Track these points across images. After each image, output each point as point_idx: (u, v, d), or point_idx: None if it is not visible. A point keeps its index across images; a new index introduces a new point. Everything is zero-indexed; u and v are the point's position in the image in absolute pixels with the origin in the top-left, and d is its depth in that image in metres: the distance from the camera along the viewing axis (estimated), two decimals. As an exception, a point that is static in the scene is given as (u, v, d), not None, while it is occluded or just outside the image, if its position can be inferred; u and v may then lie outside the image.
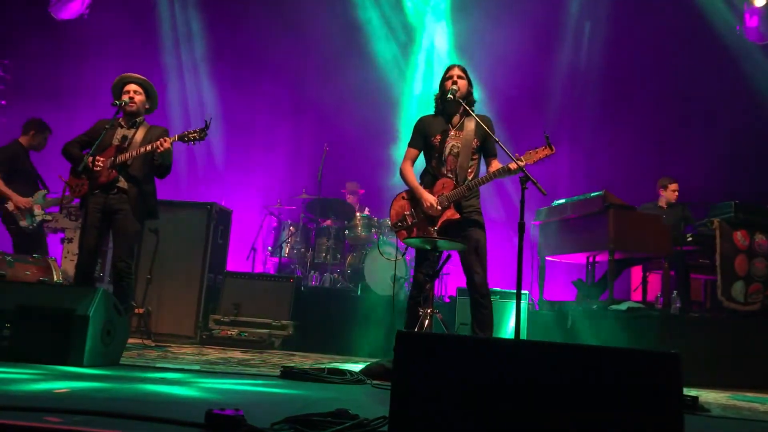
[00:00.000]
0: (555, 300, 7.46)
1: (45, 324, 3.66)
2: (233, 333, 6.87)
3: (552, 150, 4.49)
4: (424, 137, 4.80)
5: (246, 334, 6.85)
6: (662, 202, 7.87)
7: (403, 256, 7.09)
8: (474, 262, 4.64)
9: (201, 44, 10.60)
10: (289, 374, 3.92)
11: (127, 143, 5.16)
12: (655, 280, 7.81)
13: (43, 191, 6.65)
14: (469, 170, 4.70)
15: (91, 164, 4.99)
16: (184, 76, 10.54)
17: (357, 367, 4.58)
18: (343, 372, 4.00)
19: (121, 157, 5.07)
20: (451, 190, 4.62)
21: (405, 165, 4.86)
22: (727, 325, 6.32)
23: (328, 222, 8.55)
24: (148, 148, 5.05)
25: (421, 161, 4.93)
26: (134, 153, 5.08)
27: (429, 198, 4.65)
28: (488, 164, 4.78)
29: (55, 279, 5.75)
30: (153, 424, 2.05)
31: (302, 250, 8.49)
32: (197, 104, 10.45)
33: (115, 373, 3.58)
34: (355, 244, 8.37)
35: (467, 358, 1.99)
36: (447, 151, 4.71)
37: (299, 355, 6.39)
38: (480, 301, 4.62)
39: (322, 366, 4.31)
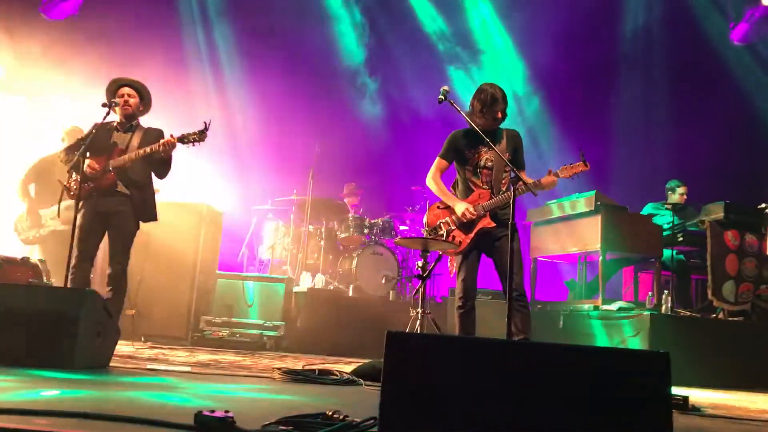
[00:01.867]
0: (547, 300, 7.47)
1: (34, 326, 3.63)
2: (225, 334, 6.86)
3: (587, 167, 4.74)
4: (456, 151, 4.94)
5: (238, 336, 6.84)
6: (668, 205, 7.84)
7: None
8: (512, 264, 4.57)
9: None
10: (280, 376, 3.91)
11: (125, 147, 5.14)
12: (646, 280, 7.83)
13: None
14: (503, 182, 4.85)
15: (83, 167, 4.89)
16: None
17: (349, 368, 4.58)
18: (334, 373, 4.00)
19: (119, 161, 5.06)
20: (487, 200, 4.78)
21: (435, 175, 5.03)
22: (718, 324, 6.35)
23: (321, 223, 8.53)
24: (147, 150, 5.02)
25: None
26: (133, 156, 5.06)
27: (463, 204, 4.81)
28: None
29: (45, 280, 5.71)
30: (142, 426, 2.04)
31: (294, 250, 8.47)
32: (188, 106, 10.41)
33: (104, 375, 3.56)
34: (347, 245, 8.37)
35: (457, 358, 1.99)
36: (482, 163, 4.86)
37: (291, 356, 6.38)
38: (518, 300, 4.64)
39: (314, 367, 4.30)
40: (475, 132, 4.69)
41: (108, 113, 5.14)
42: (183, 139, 5.06)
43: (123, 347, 5.41)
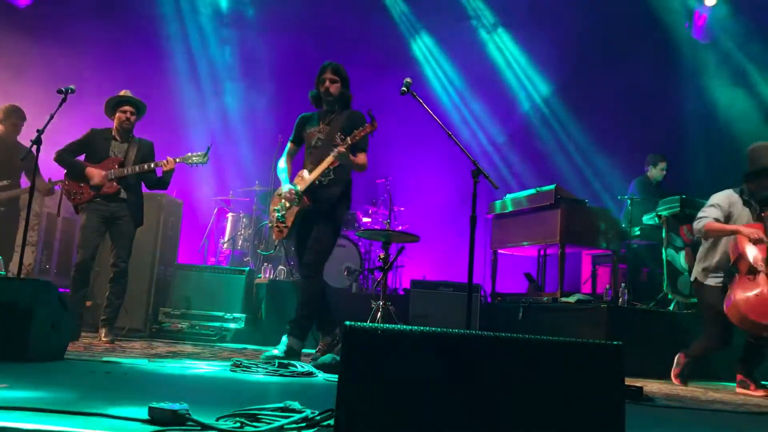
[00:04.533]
0: (506, 292, 7.55)
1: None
2: (184, 326, 6.78)
3: (374, 126, 4.69)
4: (298, 133, 5.14)
5: (197, 327, 6.77)
6: (649, 178, 7.92)
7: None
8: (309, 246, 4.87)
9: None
10: (237, 368, 3.88)
11: (123, 157, 5.66)
12: (604, 273, 7.96)
13: None
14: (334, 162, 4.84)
15: (89, 176, 5.50)
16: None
17: (308, 359, 4.57)
18: (293, 365, 3.98)
19: (120, 171, 5.56)
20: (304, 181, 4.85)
21: (281, 159, 5.16)
22: (673, 317, 6.48)
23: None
24: (145, 167, 5.58)
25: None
26: (137, 169, 5.57)
27: (287, 186, 4.91)
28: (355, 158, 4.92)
29: (0, 271, 5.59)
30: (95, 419, 2.00)
31: (255, 242, 8.41)
32: (150, 96, 10.23)
33: (58, 367, 3.49)
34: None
35: (415, 350, 1.99)
36: (312, 143, 4.98)
37: (251, 348, 6.34)
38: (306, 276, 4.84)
39: (273, 359, 4.28)
40: (316, 114, 5.02)
41: (64, 99, 5.09)
42: (186, 160, 5.66)
43: (84, 338, 5.32)
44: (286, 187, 4.92)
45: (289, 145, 5.21)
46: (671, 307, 6.69)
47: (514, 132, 10.68)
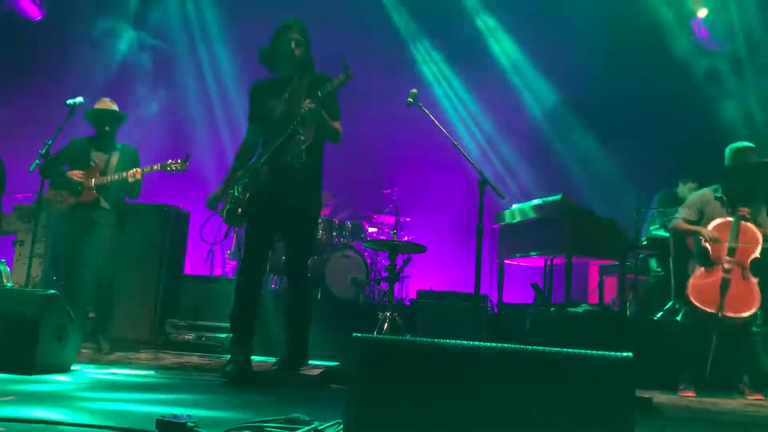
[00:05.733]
0: (514, 303, 7.51)
1: (-8, 329, 3.54)
2: (191, 337, 6.77)
3: (349, 74, 4.03)
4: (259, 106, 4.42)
5: (204, 339, 6.76)
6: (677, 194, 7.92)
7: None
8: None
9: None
10: (244, 380, 3.87)
11: (103, 166, 5.60)
12: (611, 283, 7.93)
13: None
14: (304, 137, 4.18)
15: (70, 177, 5.48)
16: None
17: (317, 371, 4.56)
18: (300, 377, 3.97)
19: (101, 180, 5.53)
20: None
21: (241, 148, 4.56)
22: (681, 327, 6.43)
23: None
24: (124, 174, 5.48)
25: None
26: (116, 177, 5.50)
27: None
28: None
29: (5, 282, 5.60)
30: (103, 431, 2.00)
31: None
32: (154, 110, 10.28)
33: (65, 379, 3.49)
34: (316, 248, 8.32)
35: (423, 361, 1.99)
36: (276, 117, 4.26)
37: (258, 359, 6.32)
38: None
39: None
40: (269, 80, 4.43)
41: (72, 112, 5.18)
42: (165, 167, 5.52)
43: (89, 350, 5.32)
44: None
45: (250, 126, 4.52)
46: (679, 318, 6.65)
47: (521, 141, 10.66)
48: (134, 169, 5.49)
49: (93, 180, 5.55)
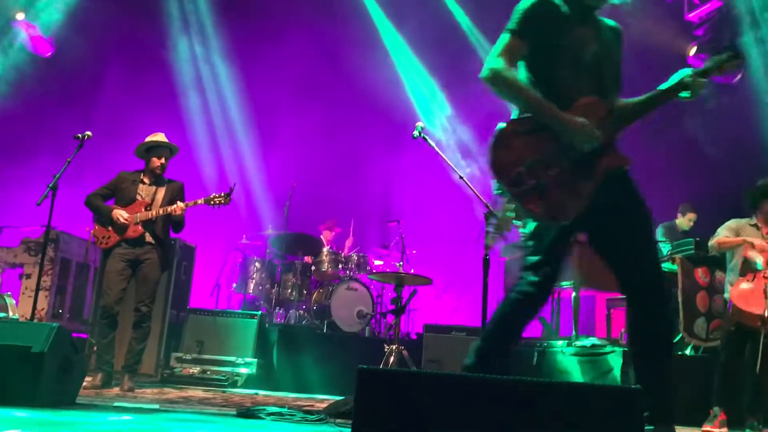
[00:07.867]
0: (521, 336, 7.44)
1: (-4, 362, 3.53)
2: (195, 371, 6.74)
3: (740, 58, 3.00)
4: (544, 30, 2.89)
5: (209, 372, 6.72)
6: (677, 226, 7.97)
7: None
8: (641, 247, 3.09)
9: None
10: (248, 414, 3.84)
11: (150, 200, 5.65)
12: (619, 316, 7.86)
13: None
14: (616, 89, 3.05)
15: (115, 218, 5.48)
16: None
17: (322, 405, 4.52)
18: (304, 411, 3.94)
19: (146, 214, 5.54)
20: (600, 118, 2.85)
21: (509, 67, 2.87)
22: (690, 361, 6.37)
23: (296, 257, 8.47)
24: (168, 209, 5.55)
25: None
26: (161, 212, 5.55)
27: (578, 121, 2.82)
28: None
29: (11, 315, 5.60)
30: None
31: (267, 286, 8.39)
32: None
33: (69, 413, 3.47)
34: (322, 280, 8.31)
35: (429, 395, 1.97)
36: (588, 57, 2.93)
37: (263, 393, 6.28)
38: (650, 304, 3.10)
39: (285, 405, 4.24)
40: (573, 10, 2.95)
41: (80, 145, 5.24)
42: (209, 201, 5.65)
43: (91, 384, 5.29)
44: None
45: None
46: (688, 351, 6.59)
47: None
48: (178, 204, 5.54)
49: (138, 215, 5.55)
